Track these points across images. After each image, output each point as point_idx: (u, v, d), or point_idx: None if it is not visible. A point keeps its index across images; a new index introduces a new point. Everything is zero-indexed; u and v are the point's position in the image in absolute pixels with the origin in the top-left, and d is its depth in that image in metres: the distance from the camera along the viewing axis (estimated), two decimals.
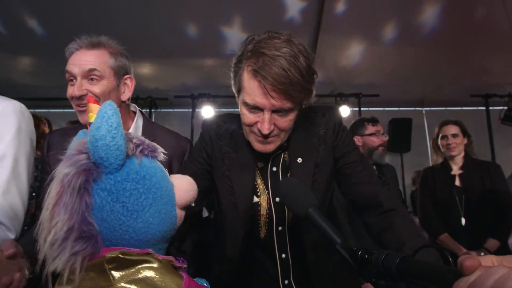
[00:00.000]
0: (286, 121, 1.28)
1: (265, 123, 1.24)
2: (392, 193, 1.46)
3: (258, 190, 1.44)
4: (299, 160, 1.42)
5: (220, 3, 4.37)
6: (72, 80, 1.52)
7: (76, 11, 4.36)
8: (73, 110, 1.55)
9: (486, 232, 2.92)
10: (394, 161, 6.25)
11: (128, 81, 1.64)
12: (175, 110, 6.94)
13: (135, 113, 1.75)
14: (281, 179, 1.44)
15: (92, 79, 1.50)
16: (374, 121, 3.16)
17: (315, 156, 1.42)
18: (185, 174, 1.44)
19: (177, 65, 5.69)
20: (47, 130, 3.26)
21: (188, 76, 6.02)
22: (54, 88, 5.92)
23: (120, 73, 1.58)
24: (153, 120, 6.85)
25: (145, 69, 5.64)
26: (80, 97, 1.49)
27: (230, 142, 1.48)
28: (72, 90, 1.49)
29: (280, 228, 1.44)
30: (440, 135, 3.24)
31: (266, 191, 1.44)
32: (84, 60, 1.49)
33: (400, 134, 6.47)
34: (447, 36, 4.79)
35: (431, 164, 3.45)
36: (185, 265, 0.96)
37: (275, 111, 1.24)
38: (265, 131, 1.25)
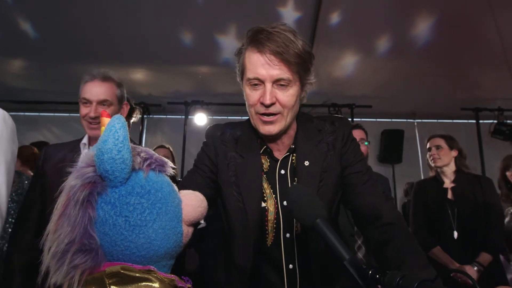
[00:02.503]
0: (287, 96, 1.31)
1: (266, 93, 1.29)
2: (395, 207, 1.45)
3: (265, 195, 1.42)
4: (306, 163, 1.41)
5: (215, 11, 4.37)
6: (86, 103, 1.92)
7: (70, 16, 4.32)
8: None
9: (478, 245, 2.93)
10: (386, 172, 6.31)
11: (124, 106, 2.11)
12: (168, 116, 6.89)
13: None
14: (289, 183, 1.42)
15: (103, 105, 1.92)
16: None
17: (322, 161, 1.42)
18: (188, 184, 1.41)
19: (171, 72, 5.65)
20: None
21: (182, 83, 5.98)
22: (45, 92, 5.85)
23: (121, 100, 2.05)
24: (145, 125, 6.84)
25: (139, 75, 5.60)
26: (95, 118, 1.89)
27: (235, 148, 1.47)
28: (88, 111, 1.90)
29: (288, 235, 1.40)
30: (427, 148, 3.34)
31: (274, 195, 1.42)
32: (100, 91, 1.92)
33: (392, 145, 6.54)
34: (440, 50, 4.85)
35: (422, 176, 3.48)
36: (189, 285, 0.93)
37: (276, 82, 1.29)
38: (267, 101, 1.28)
